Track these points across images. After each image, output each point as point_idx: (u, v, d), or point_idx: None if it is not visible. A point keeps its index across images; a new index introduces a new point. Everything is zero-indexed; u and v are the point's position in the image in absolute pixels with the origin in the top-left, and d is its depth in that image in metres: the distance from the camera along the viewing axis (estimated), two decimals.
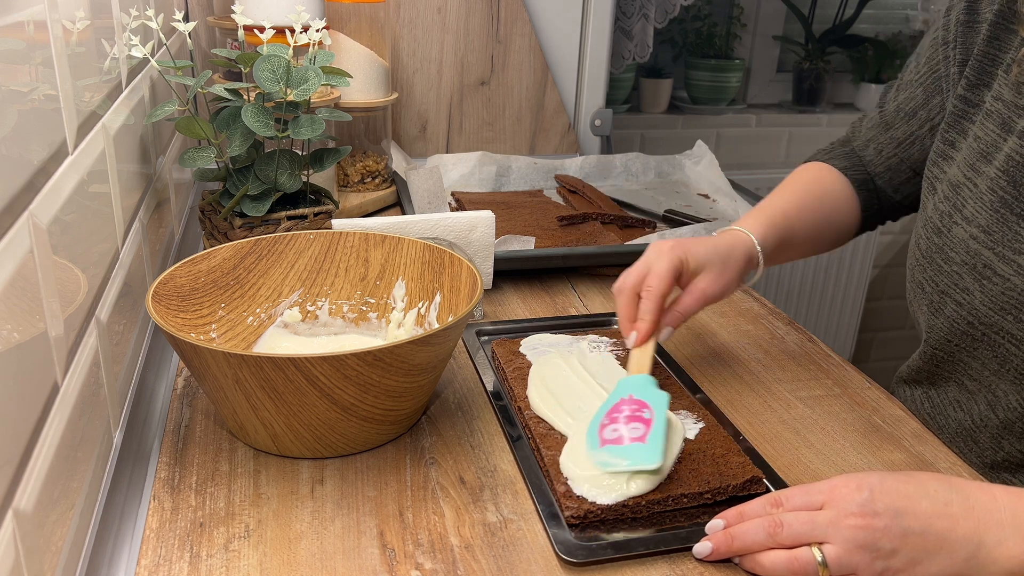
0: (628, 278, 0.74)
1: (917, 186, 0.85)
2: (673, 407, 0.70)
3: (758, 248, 0.79)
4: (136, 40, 0.80)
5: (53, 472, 0.48)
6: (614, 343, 0.81)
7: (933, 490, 0.53)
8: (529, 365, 0.76)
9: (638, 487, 0.59)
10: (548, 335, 0.82)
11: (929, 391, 0.77)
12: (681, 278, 0.74)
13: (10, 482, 0.42)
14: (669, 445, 0.62)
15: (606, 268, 1.02)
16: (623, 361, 0.77)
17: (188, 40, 0.91)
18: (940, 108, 0.80)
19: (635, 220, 1.13)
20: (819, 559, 0.52)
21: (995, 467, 0.73)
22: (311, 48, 0.87)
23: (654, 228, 1.13)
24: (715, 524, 0.57)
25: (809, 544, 0.53)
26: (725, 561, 0.56)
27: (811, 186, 0.87)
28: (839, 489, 0.54)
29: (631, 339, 0.72)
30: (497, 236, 0.97)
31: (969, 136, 0.73)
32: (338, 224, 0.87)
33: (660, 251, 0.73)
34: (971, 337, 0.69)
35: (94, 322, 0.60)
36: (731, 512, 0.57)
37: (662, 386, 0.69)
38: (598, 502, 0.58)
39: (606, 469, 0.59)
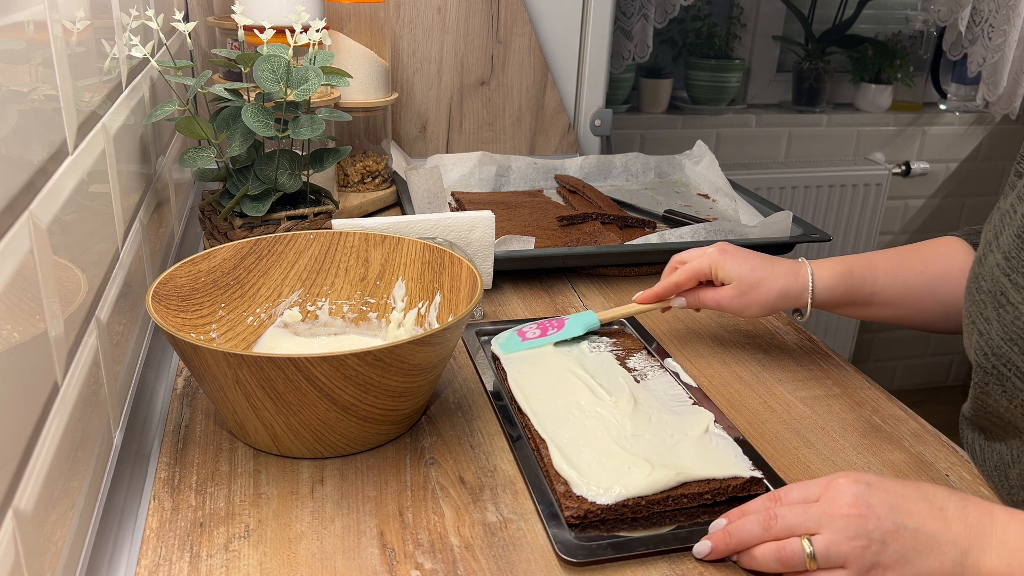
0: (679, 254, 0.84)
1: None
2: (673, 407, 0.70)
3: (810, 288, 0.77)
4: (136, 40, 0.80)
5: (53, 472, 0.48)
6: (614, 343, 0.81)
7: (932, 495, 0.53)
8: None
9: (637, 487, 0.59)
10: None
11: (979, 427, 0.72)
12: (712, 280, 0.80)
13: (10, 482, 0.42)
14: (668, 455, 0.62)
15: (606, 268, 1.02)
16: (622, 360, 0.77)
17: (188, 40, 0.91)
18: None
19: (635, 220, 1.13)
20: (808, 550, 0.52)
21: (1019, 505, 0.68)
22: (311, 48, 0.87)
23: (654, 228, 1.13)
24: (717, 523, 0.57)
25: (802, 535, 0.53)
26: (724, 561, 0.56)
27: (922, 250, 0.80)
28: (836, 481, 0.54)
29: (637, 294, 0.84)
30: (497, 236, 0.97)
31: None
32: (338, 224, 0.87)
33: (703, 251, 0.81)
34: (984, 370, 0.65)
35: (94, 322, 0.60)
36: (734, 512, 0.57)
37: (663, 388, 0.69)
38: (598, 502, 0.58)
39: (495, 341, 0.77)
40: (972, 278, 0.68)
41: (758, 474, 0.62)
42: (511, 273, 1.00)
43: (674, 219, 1.15)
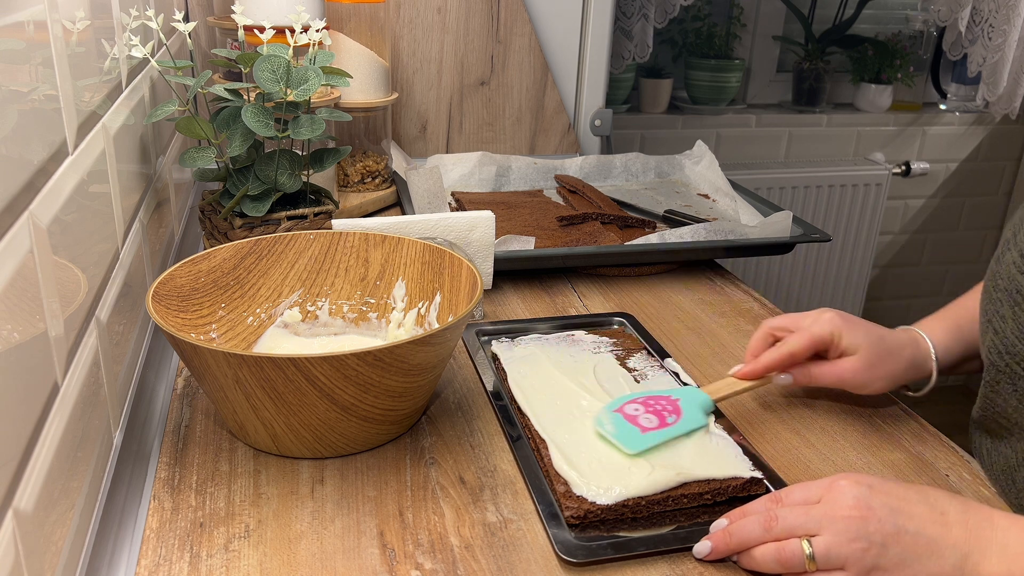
0: (777, 319, 0.74)
1: None
2: None
3: (933, 355, 0.72)
4: (136, 40, 0.80)
5: (53, 472, 0.48)
6: (614, 343, 0.81)
7: (933, 498, 0.53)
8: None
9: (637, 487, 0.59)
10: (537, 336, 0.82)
11: (987, 429, 0.70)
12: (828, 351, 0.71)
13: (10, 482, 0.42)
14: (668, 455, 0.62)
15: (606, 268, 1.02)
16: (622, 361, 0.77)
17: (188, 40, 0.91)
18: None
19: (635, 220, 1.13)
20: (807, 551, 0.52)
21: (1021, 511, 0.67)
22: (311, 48, 0.87)
23: (654, 228, 1.13)
24: (719, 523, 0.57)
25: (802, 536, 0.53)
26: (724, 561, 0.56)
27: None
28: (837, 483, 0.54)
29: (735, 368, 0.73)
30: (497, 236, 0.97)
31: None
32: (338, 224, 0.87)
33: (820, 316, 0.71)
34: (997, 368, 0.64)
35: (94, 322, 0.60)
36: (735, 512, 0.57)
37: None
38: (598, 502, 0.58)
39: (596, 426, 0.65)
40: (990, 276, 0.67)
41: (758, 474, 0.62)
42: (511, 273, 1.00)
43: (674, 219, 1.15)
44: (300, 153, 0.90)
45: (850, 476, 0.54)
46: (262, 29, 0.86)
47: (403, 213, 1.18)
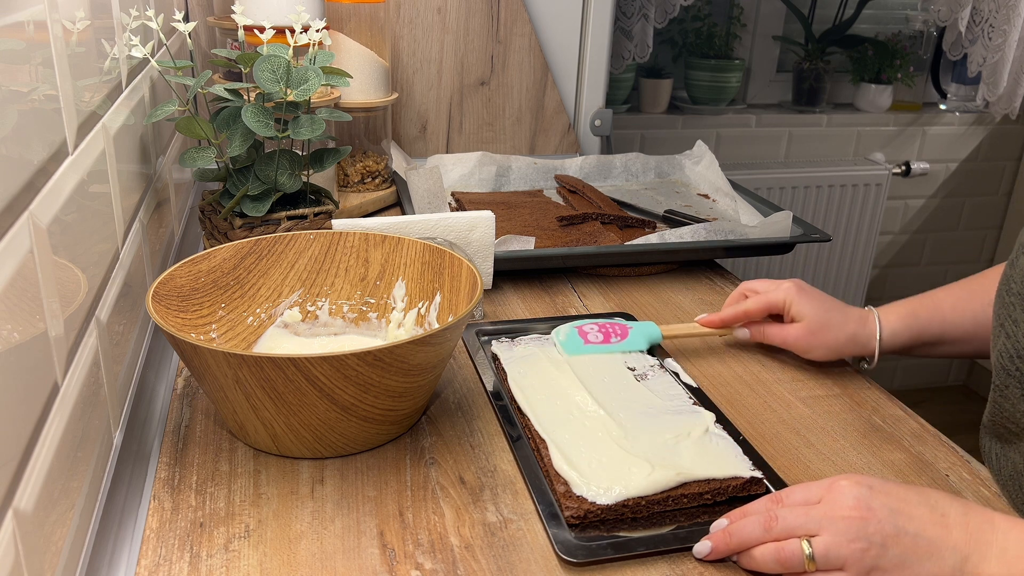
0: (753, 282, 0.84)
1: None
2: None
3: (877, 335, 0.77)
4: (136, 40, 0.80)
5: (53, 472, 0.48)
6: None
7: (933, 500, 0.53)
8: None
9: (637, 487, 0.59)
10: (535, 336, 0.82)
11: (996, 435, 0.70)
12: (784, 316, 0.80)
13: (10, 482, 0.42)
14: (668, 455, 0.62)
15: (606, 268, 1.02)
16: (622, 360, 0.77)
17: (188, 40, 0.91)
18: None
19: (635, 220, 1.13)
20: (807, 551, 0.52)
21: None
22: (311, 48, 0.87)
23: (654, 228, 1.13)
24: (719, 523, 0.57)
25: (802, 537, 0.53)
26: (724, 561, 0.56)
27: (989, 276, 0.78)
28: (837, 484, 0.54)
29: (700, 316, 0.84)
30: (497, 236, 0.97)
31: None
32: (338, 224, 0.87)
33: (781, 284, 0.80)
34: (1007, 372, 0.65)
35: (94, 322, 0.60)
36: (735, 512, 0.57)
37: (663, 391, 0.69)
38: (598, 502, 0.58)
39: (553, 335, 0.79)
40: (1003, 281, 0.67)
41: (758, 474, 0.62)
42: (511, 273, 1.00)
43: (674, 219, 1.15)
44: (300, 153, 0.90)
45: (851, 477, 0.54)
46: (262, 29, 0.86)
47: (403, 213, 1.18)
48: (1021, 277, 0.64)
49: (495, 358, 0.79)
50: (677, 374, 0.76)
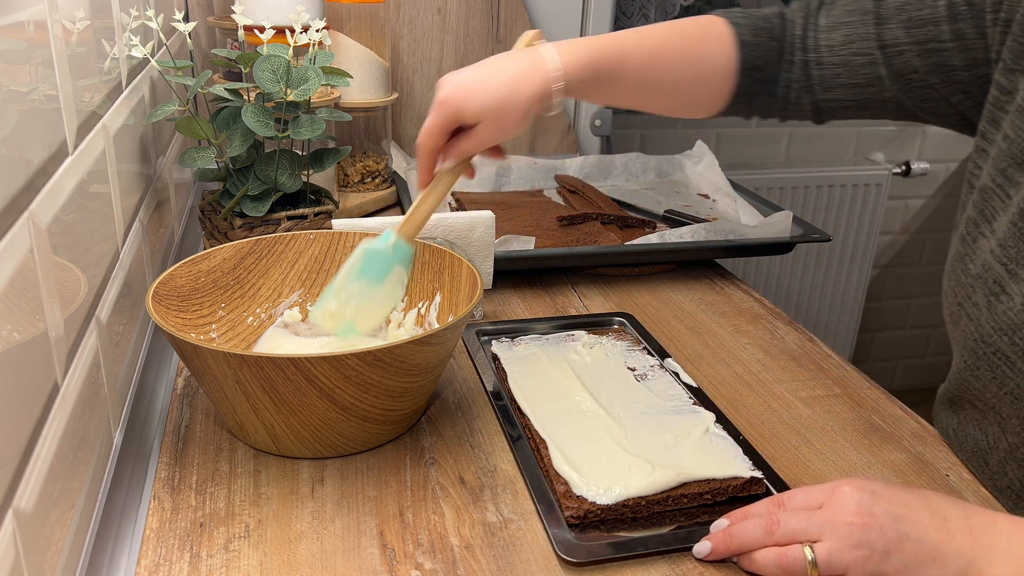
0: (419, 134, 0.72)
1: (858, 96, 0.78)
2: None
3: (559, 79, 0.70)
4: (136, 40, 0.80)
5: (53, 472, 0.48)
6: (613, 343, 0.81)
7: (935, 504, 0.53)
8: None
9: (637, 487, 0.59)
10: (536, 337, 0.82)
11: (955, 407, 0.72)
12: (462, 128, 0.70)
13: (10, 482, 0.42)
14: (668, 455, 0.62)
15: (606, 268, 1.02)
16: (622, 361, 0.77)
17: (188, 40, 0.91)
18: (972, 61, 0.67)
19: (635, 220, 1.13)
20: (809, 558, 0.52)
21: (1003, 490, 0.69)
22: (311, 48, 0.87)
23: (654, 228, 1.13)
24: (719, 524, 0.57)
25: (804, 542, 0.53)
26: (725, 561, 0.56)
27: (682, 34, 0.75)
28: (840, 489, 0.54)
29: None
30: (497, 236, 0.97)
31: (1000, 132, 0.64)
32: (338, 224, 0.87)
33: (433, 105, 0.69)
34: (975, 355, 0.65)
35: (94, 322, 0.60)
36: (736, 513, 0.57)
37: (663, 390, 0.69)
38: (598, 502, 0.58)
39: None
40: (957, 257, 0.66)
41: (758, 474, 0.62)
42: (511, 273, 1.00)
43: (674, 219, 1.15)
44: (300, 153, 0.90)
45: (853, 481, 0.54)
46: (262, 29, 0.86)
47: (403, 213, 1.17)
48: (983, 260, 0.63)
49: (495, 358, 0.79)
50: (677, 374, 0.76)
